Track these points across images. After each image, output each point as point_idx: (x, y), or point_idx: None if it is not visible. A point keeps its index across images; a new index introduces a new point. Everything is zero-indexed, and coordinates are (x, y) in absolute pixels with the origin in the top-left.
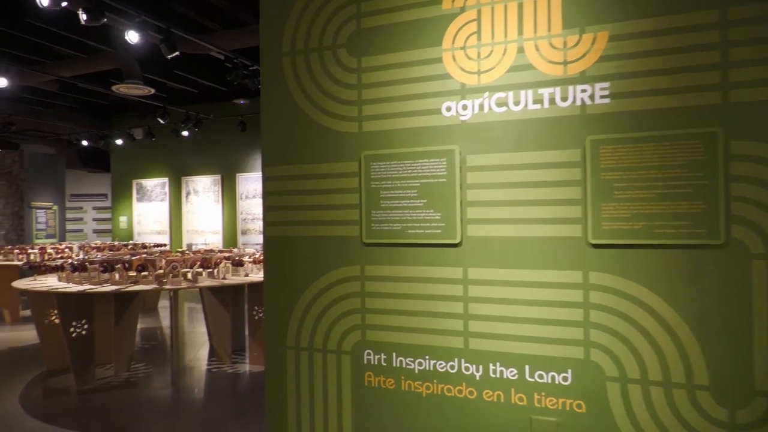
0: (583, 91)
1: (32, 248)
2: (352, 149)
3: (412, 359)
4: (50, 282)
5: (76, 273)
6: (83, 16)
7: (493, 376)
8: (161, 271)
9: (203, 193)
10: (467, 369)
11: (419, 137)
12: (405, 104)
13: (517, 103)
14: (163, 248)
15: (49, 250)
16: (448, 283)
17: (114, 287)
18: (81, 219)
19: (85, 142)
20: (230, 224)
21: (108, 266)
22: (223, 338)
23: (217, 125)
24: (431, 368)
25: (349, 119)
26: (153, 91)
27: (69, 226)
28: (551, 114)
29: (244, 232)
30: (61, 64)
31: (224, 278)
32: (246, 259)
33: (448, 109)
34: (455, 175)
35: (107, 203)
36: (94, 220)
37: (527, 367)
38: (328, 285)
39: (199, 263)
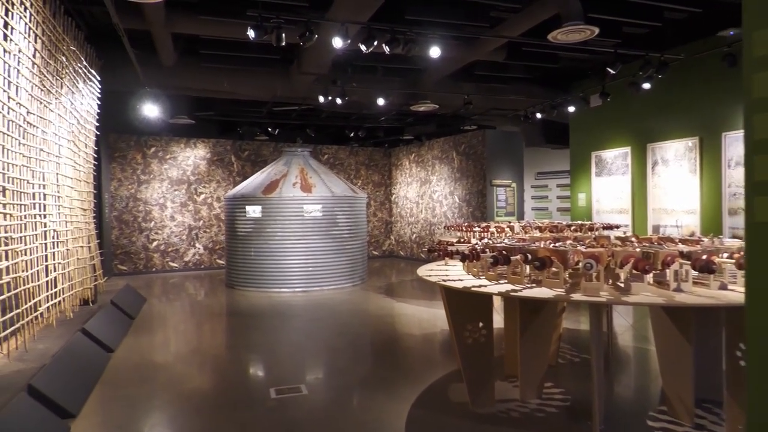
0: None
1: (478, 226)
2: None
3: None
4: (454, 270)
5: (467, 262)
6: None
7: None
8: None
9: (674, 162)
10: None
11: None
12: None
13: None
14: (616, 230)
15: (491, 229)
16: None
17: (506, 287)
18: (546, 197)
19: (538, 115)
20: (711, 202)
21: (503, 257)
22: (679, 381)
23: (690, 69)
24: None
25: None
26: (596, 31)
27: (535, 204)
28: None
29: (732, 213)
30: (499, 29)
31: (679, 289)
32: (724, 259)
33: None
34: None
35: (568, 180)
36: (558, 197)
37: None
38: None
39: (633, 261)
